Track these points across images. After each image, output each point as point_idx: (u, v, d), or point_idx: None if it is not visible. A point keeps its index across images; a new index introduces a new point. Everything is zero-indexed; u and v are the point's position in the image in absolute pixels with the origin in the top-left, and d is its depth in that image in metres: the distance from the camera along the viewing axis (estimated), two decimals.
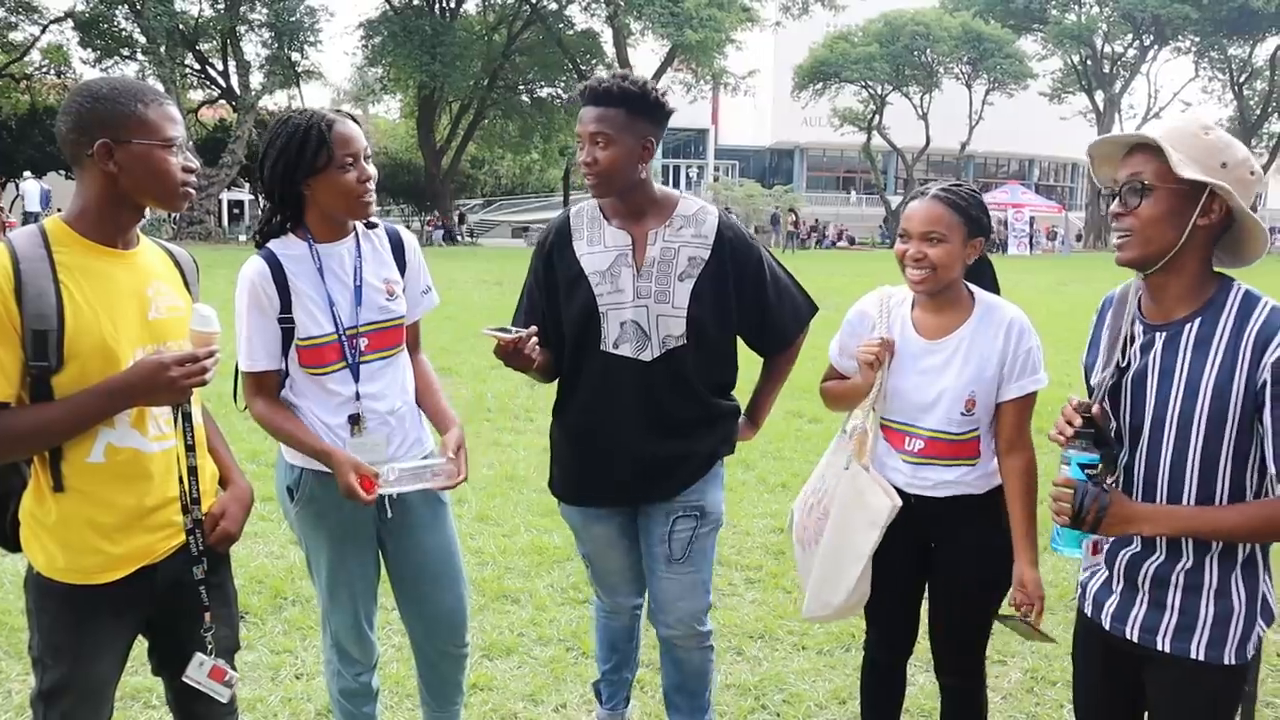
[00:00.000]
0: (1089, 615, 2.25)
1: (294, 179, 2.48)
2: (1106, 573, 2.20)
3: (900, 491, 2.66)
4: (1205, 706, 2.09)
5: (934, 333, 2.65)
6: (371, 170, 2.54)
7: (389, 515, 2.68)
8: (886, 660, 2.95)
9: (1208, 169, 1.93)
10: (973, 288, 2.68)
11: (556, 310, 2.81)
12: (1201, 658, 2.04)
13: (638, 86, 2.61)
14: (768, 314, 2.87)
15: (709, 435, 2.86)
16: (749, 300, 2.82)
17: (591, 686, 3.42)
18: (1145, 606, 2.11)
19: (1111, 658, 2.22)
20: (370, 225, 2.70)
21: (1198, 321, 2.00)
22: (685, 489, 2.83)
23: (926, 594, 2.84)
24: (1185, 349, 2.00)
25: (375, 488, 2.47)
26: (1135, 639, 2.12)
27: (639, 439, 2.76)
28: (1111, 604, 2.17)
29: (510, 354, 2.56)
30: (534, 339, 2.56)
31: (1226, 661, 2.04)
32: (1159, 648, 2.08)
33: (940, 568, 2.73)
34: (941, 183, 2.65)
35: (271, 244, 2.57)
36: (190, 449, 2.20)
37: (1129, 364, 2.10)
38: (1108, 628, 2.18)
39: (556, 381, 2.93)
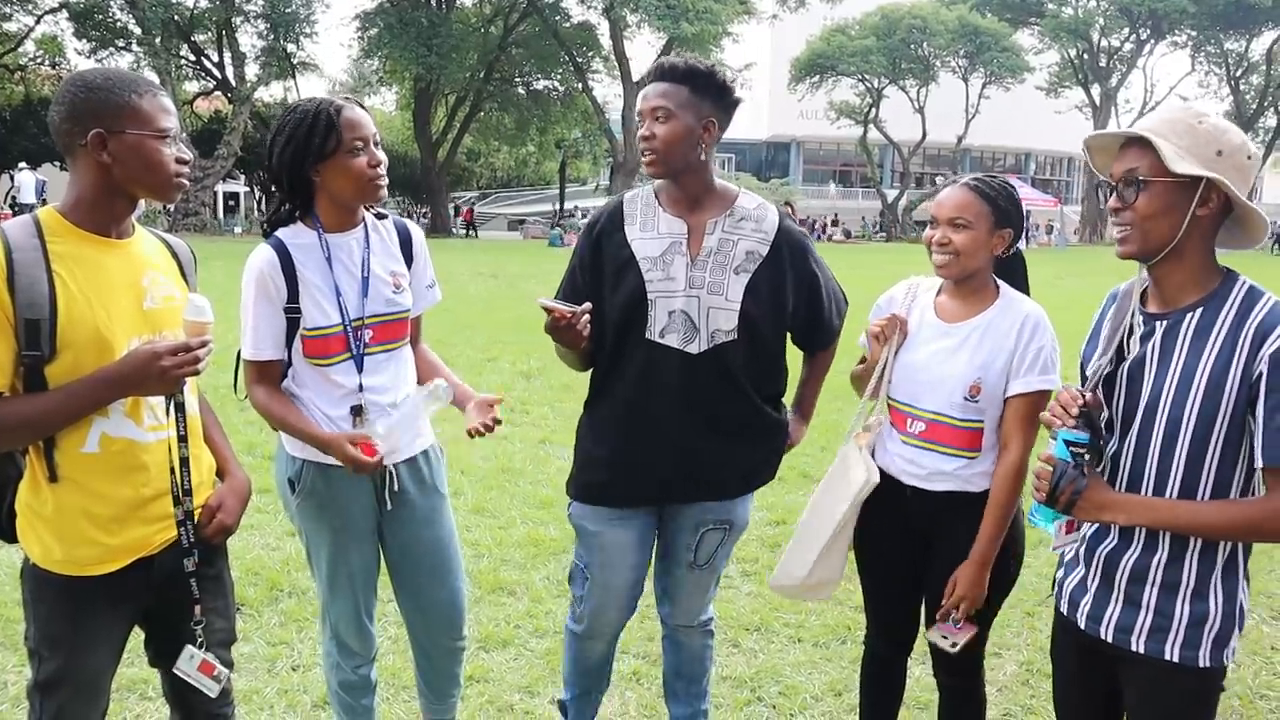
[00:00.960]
0: (1065, 613, 2.24)
1: (303, 165, 2.47)
2: (1083, 570, 2.19)
3: (897, 481, 2.66)
4: (1180, 708, 2.08)
5: (953, 317, 2.67)
6: (381, 155, 2.53)
7: (389, 507, 2.68)
8: (886, 654, 2.94)
9: (1203, 159, 1.93)
10: (1000, 283, 2.69)
11: (600, 296, 2.70)
12: (1175, 659, 2.03)
13: (704, 66, 2.57)
14: (820, 314, 2.82)
15: (752, 443, 2.78)
16: (804, 301, 2.76)
17: (555, 703, 3.27)
18: (1120, 606, 2.09)
19: (1087, 656, 2.21)
20: (380, 216, 2.70)
21: (1199, 311, 1.99)
22: (720, 500, 2.78)
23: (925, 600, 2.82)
24: (1184, 338, 2.00)
25: (376, 450, 2.45)
26: (1110, 639, 2.11)
27: (679, 433, 2.67)
28: (1086, 603, 2.16)
29: (562, 328, 2.50)
30: (586, 316, 2.50)
31: (1201, 664, 2.02)
32: (1133, 648, 2.07)
33: (937, 566, 2.70)
34: (978, 174, 2.69)
35: (280, 233, 2.56)
36: (182, 440, 2.19)
37: (1128, 354, 2.10)
38: (1083, 626, 2.17)
39: (589, 373, 2.85)
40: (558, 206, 50.09)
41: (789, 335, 2.85)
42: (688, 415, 2.66)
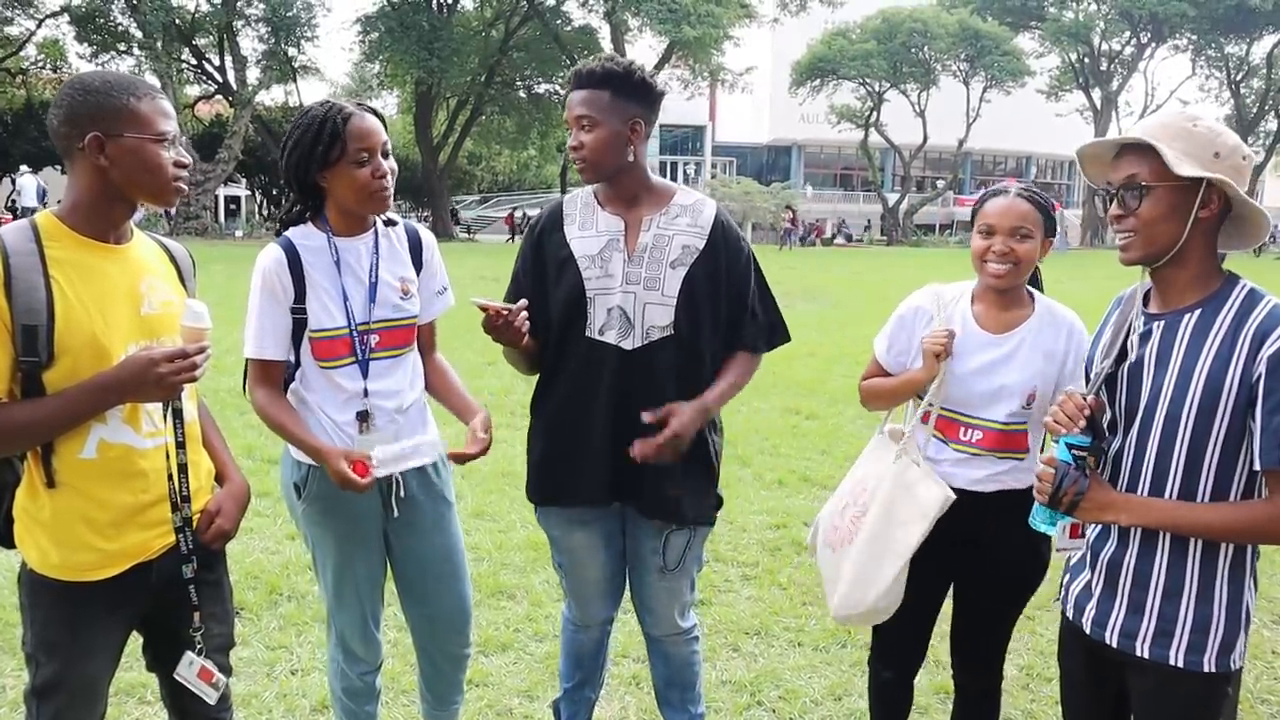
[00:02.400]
0: (1071, 618, 2.24)
1: (309, 171, 2.49)
2: (1088, 575, 2.19)
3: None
4: (1186, 714, 2.08)
5: (997, 327, 2.67)
6: (389, 165, 2.52)
7: (396, 514, 2.68)
8: (895, 676, 2.93)
9: (1202, 161, 1.94)
10: (1030, 289, 2.74)
11: (543, 296, 2.72)
12: (1180, 664, 2.02)
13: (621, 67, 2.56)
14: (745, 318, 2.75)
15: (684, 461, 2.67)
16: (735, 297, 2.73)
17: (550, 705, 3.29)
18: (1124, 611, 2.09)
19: (1094, 662, 2.21)
20: (390, 223, 2.69)
21: (1198, 313, 2.00)
22: (652, 517, 2.73)
23: (951, 595, 2.83)
24: (1182, 338, 2.00)
25: (370, 471, 2.43)
26: (1114, 644, 2.11)
27: (613, 432, 2.64)
28: (1091, 608, 2.16)
29: (499, 328, 2.49)
30: (524, 313, 2.50)
31: (1206, 669, 2.01)
32: (1138, 653, 2.07)
33: (978, 565, 2.71)
34: (1016, 183, 2.70)
35: (291, 233, 2.57)
36: (180, 446, 2.19)
37: (1128, 355, 2.10)
38: (1088, 631, 2.17)
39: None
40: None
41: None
42: (621, 414, 2.64)
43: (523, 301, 2.52)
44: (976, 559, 2.70)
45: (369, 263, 2.60)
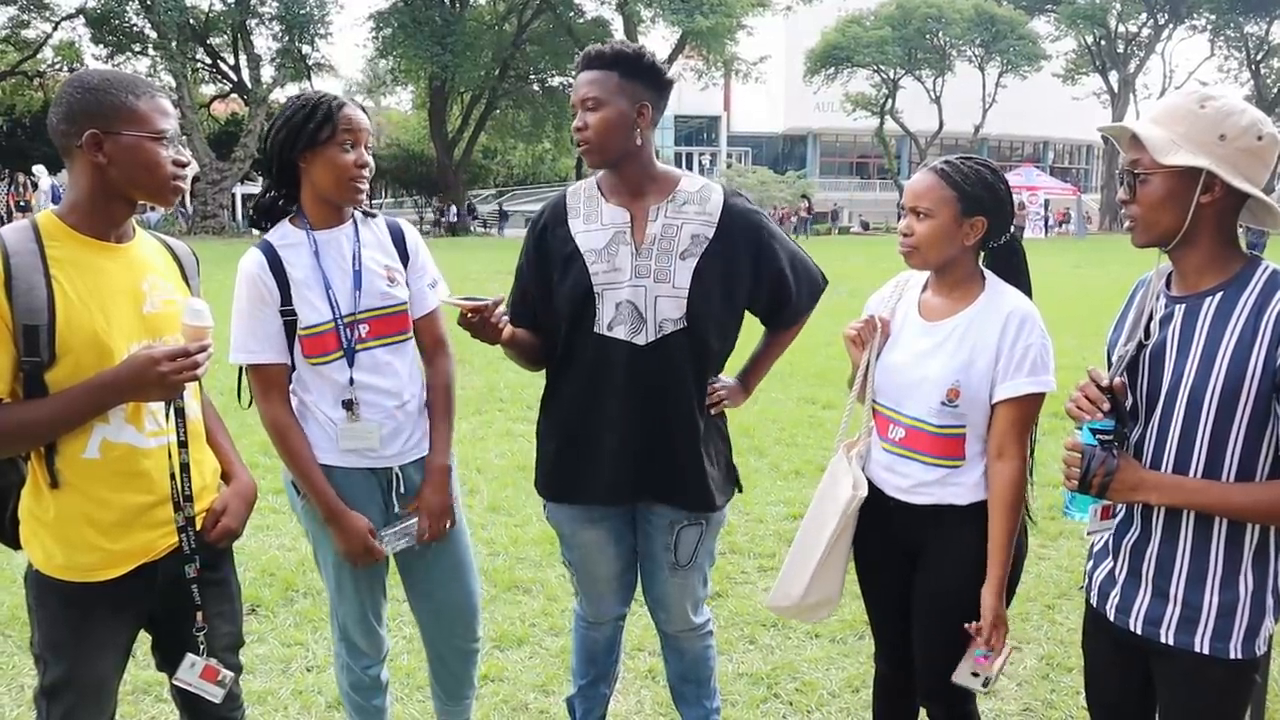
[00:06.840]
0: (1095, 605, 2.21)
1: (293, 149, 2.47)
2: (1111, 562, 2.16)
3: (880, 490, 2.53)
4: (1213, 701, 2.04)
5: (935, 315, 2.50)
6: (369, 159, 2.52)
7: (397, 509, 2.66)
8: (890, 673, 2.75)
9: (1202, 146, 1.89)
10: (989, 275, 2.50)
11: (547, 292, 2.67)
12: (1206, 651, 1.99)
13: (631, 49, 2.51)
14: (784, 287, 2.70)
15: (705, 446, 2.66)
16: (766, 281, 2.67)
17: (565, 702, 3.24)
18: (1148, 598, 2.06)
19: (1119, 650, 2.18)
20: (368, 215, 2.68)
21: (1219, 296, 1.96)
22: (676, 506, 2.70)
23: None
24: (1204, 322, 1.96)
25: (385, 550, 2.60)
26: (1139, 631, 2.08)
27: (629, 429, 2.61)
28: (1115, 595, 2.13)
29: (475, 325, 2.46)
30: (500, 308, 2.46)
31: (1233, 656, 1.98)
32: (1162, 640, 2.04)
33: (921, 586, 2.53)
34: (953, 155, 2.51)
35: (269, 235, 2.56)
36: (182, 445, 2.17)
37: (1150, 338, 2.06)
38: (1112, 619, 2.14)
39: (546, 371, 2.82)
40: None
41: (756, 314, 2.78)
42: (637, 410, 2.60)
43: (497, 296, 2.47)
44: (919, 580, 2.53)
45: (351, 250, 2.58)
